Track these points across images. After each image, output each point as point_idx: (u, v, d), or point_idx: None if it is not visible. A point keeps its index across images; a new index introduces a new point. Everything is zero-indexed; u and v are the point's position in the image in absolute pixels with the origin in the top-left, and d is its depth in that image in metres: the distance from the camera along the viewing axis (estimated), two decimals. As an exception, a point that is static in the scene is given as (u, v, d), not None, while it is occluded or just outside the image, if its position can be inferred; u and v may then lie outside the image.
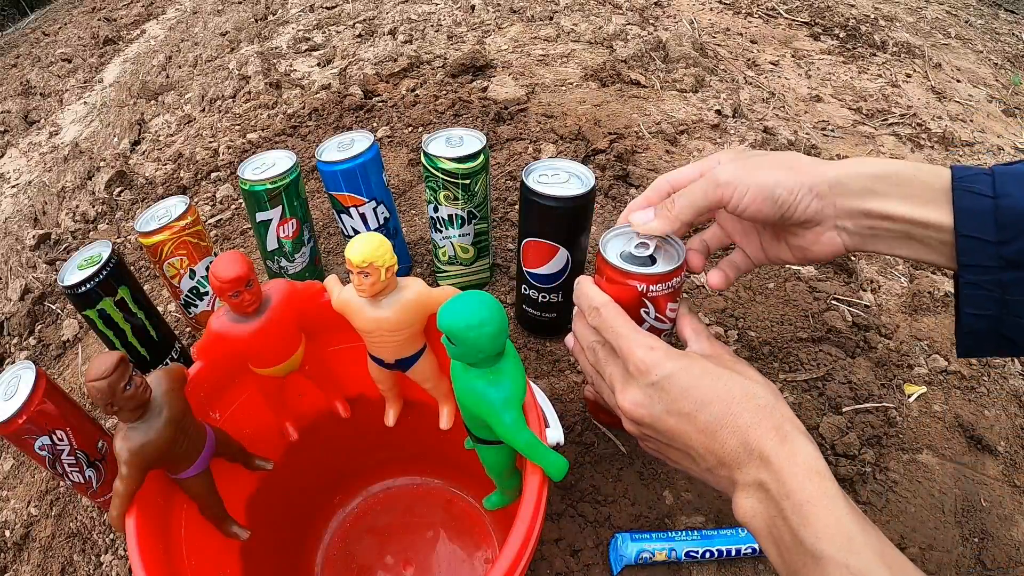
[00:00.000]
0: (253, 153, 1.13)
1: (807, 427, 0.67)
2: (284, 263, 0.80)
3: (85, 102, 1.61)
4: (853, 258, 0.87)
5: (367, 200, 0.76)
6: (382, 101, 1.23)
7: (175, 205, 0.73)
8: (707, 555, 0.60)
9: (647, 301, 0.49)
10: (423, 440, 0.67)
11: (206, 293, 0.76)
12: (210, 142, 1.19)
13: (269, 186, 0.73)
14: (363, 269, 0.49)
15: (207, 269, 0.75)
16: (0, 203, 1.21)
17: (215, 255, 0.77)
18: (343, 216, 0.78)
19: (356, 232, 0.79)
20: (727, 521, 0.64)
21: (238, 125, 1.24)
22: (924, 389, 0.73)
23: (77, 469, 0.64)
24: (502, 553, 0.41)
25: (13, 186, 1.26)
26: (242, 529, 0.57)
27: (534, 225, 0.68)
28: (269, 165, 0.75)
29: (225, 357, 0.58)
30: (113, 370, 0.44)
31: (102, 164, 1.13)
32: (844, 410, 0.70)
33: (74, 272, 0.67)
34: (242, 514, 0.60)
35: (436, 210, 0.76)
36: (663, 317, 0.51)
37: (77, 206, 1.06)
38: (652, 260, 0.51)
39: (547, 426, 0.55)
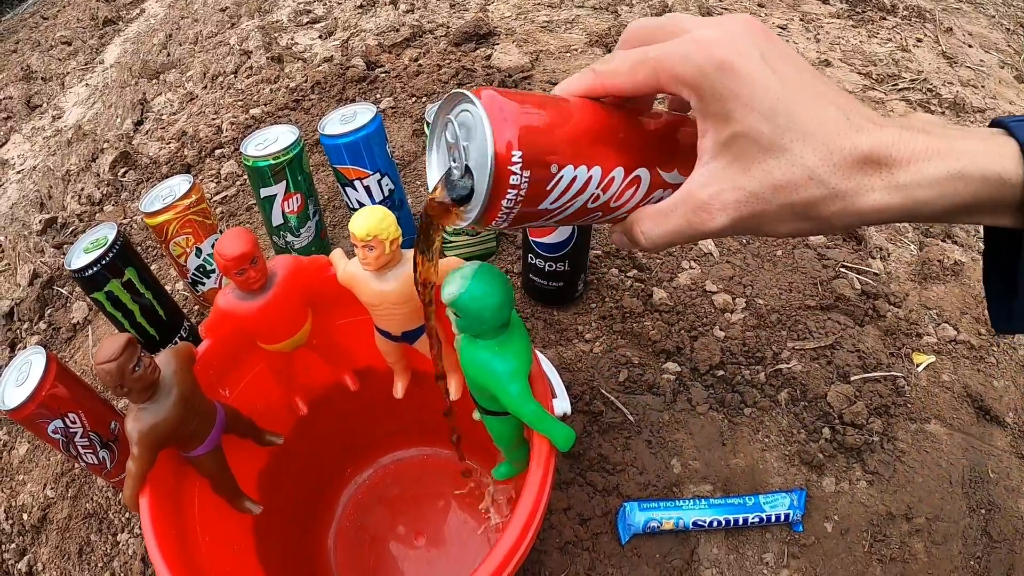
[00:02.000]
0: (257, 128, 1.11)
1: (814, 396, 0.68)
2: (290, 238, 0.78)
3: (87, 84, 1.59)
4: (866, 228, 0.83)
5: (371, 172, 0.74)
6: (385, 72, 1.20)
7: (179, 184, 0.71)
8: (714, 524, 0.60)
9: None
10: (432, 411, 0.64)
11: (213, 271, 0.75)
12: (213, 119, 1.16)
13: (272, 161, 0.70)
14: (367, 242, 0.48)
15: (213, 247, 0.73)
16: (6, 190, 1.20)
17: (221, 232, 0.75)
18: (347, 189, 0.76)
19: (361, 205, 0.77)
20: (734, 490, 0.64)
21: (241, 101, 1.22)
22: (933, 359, 0.72)
23: (91, 451, 0.63)
24: (510, 523, 0.40)
25: (18, 172, 1.25)
26: (255, 504, 0.56)
27: None
28: (272, 140, 0.72)
29: (233, 334, 0.57)
30: (121, 352, 0.43)
31: (106, 146, 1.12)
32: (852, 379, 0.69)
33: (80, 255, 0.66)
34: (254, 489, 0.60)
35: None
36: None
37: (82, 189, 1.05)
38: None
39: (554, 396, 0.54)
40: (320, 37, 1.47)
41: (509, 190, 0.31)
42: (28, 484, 0.76)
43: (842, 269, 0.79)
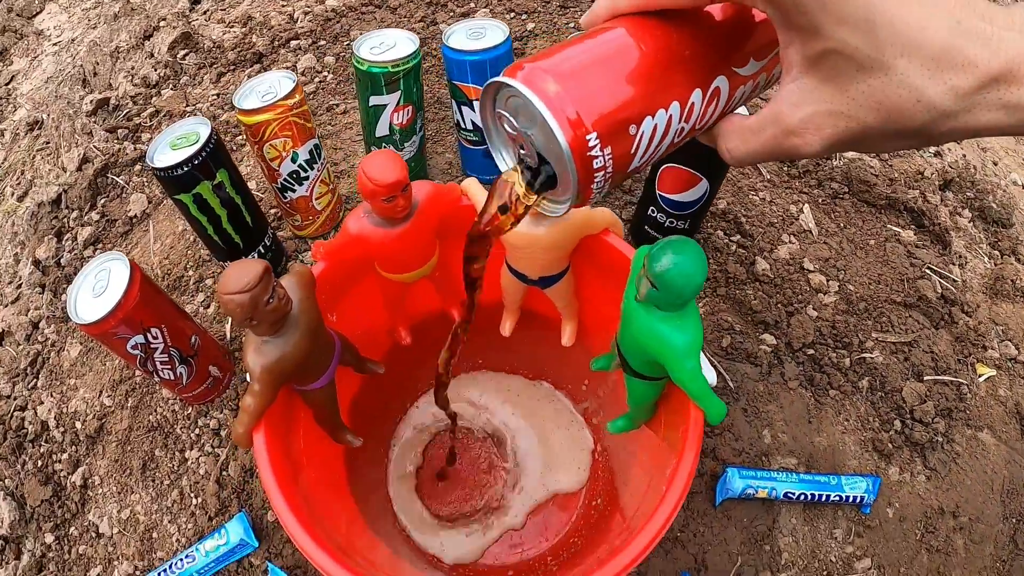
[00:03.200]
0: (337, 22, 1.02)
1: (891, 389, 0.70)
2: (392, 150, 0.73)
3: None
4: (949, 231, 0.83)
5: (494, 95, 0.69)
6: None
7: (280, 81, 0.65)
8: (801, 497, 0.63)
9: None
10: (534, 350, 0.67)
11: (306, 178, 0.69)
12: (283, 5, 1.06)
13: (391, 69, 0.64)
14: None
15: (310, 153, 0.68)
16: (41, 62, 1.09)
17: (318, 138, 0.69)
18: (463, 107, 0.71)
19: (473, 125, 0.73)
20: (815, 466, 0.66)
21: (314, -12, 1.10)
22: (994, 372, 0.74)
23: (169, 366, 0.60)
24: (661, 503, 0.42)
25: (55, 43, 1.13)
26: (355, 437, 0.55)
27: (680, 152, 0.62)
28: (390, 45, 0.66)
29: (354, 259, 0.53)
30: (257, 282, 0.38)
31: (161, 24, 1.01)
32: (925, 378, 0.71)
33: (167, 152, 0.60)
34: (346, 417, 0.58)
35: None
36: None
37: (134, 68, 0.95)
38: None
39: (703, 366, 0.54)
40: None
41: (596, 173, 0.29)
42: (81, 390, 0.72)
43: (927, 271, 0.79)
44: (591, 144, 0.28)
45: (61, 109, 0.93)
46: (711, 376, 0.57)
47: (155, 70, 0.95)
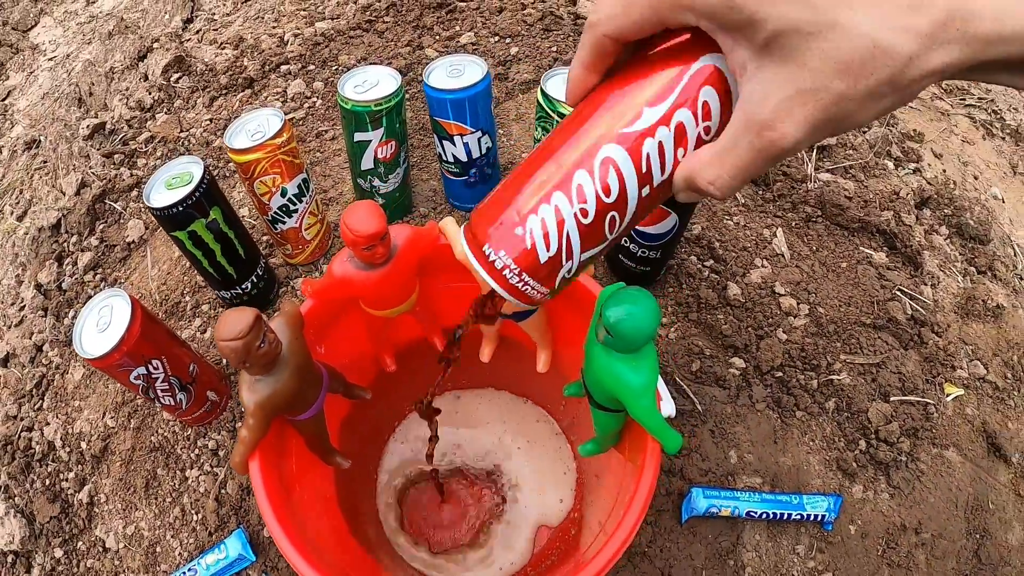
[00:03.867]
0: (325, 47, 1.04)
1: (857, 410, 0.73)
2: (377, 183, 0.76)
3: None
4: (923, 251, 0.86)
5: (473, 130, 0.72)
6: (465, 2, 1.12)
7: (269, 120, 0.68)
8: (763, 516, 0.66)
9: None
10: (511, 374, 0.70)
11: (295, 211, 0.73)
12: (273, 27, 1.08)
13: (373, 108, 0.67)
14: None
15: (299, 187, 0.71)
16: (37, 77, 1.11)
17: (306, 172, 0.72)
18: (445, 143, 0.73)
19: (455, 159, 0.76)
20: (780, 485, 0.69)
21: (304, 10, 1.13)
22: (962, 392, 0.77)
23: (169, 394, 0.64)
24: (624, 516, 0.46)
25: (50, 59, 1.15)
26: (344, 459, 0.59)
27: None
28: (372, 84, 0.68)
29: (340, 298, 0.57)
30: (250, 330, 0.42)
31: (155, 45, 1.03)
32: (891, 399, 0.74)
33: (162, 191, 0.63)
34: (335, 440, 0.62)
35: (543, 150, 0.71)
36: None
37: (128, 90, 0.98)
38: None
39: (661, 399, 0.57)
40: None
41: (503, 273, 0.34)
42: (85, 411, 0.76)
43: (897, 292, 0.81)
44: (486, 252, 0.33)
45: (58, 131, 0.96)
46: (670, 408, 0.61)
47: (149, 93, 0.98)
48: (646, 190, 0.31)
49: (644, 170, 0.30)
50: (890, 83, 0.25)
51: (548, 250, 0.32)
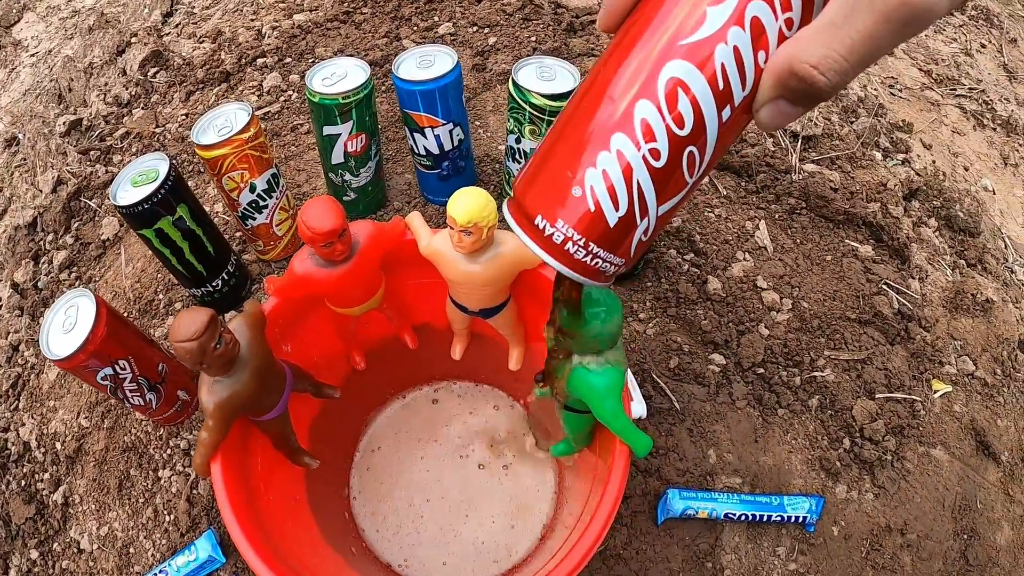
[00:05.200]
0: (303, 39, 1.02)
1: (841, 407, 0.71)
2: (348, 177, 0.75)
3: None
4: (910, 244, 0.84)
5: (444, 122, 0.70)
6: (444, -7, 1.10)
7: (236, 114, 0.67)
8: (742, 517, 0.65)
9: None
10: (485, 370, 0.70)
11: (265, 207, 0.72)
12: (252, 20, 1.07)
13: (341, 101, 0.66)
14: (466, 228, 0.47)
15: (268, 182, 0.70)
16: (19, 73, 1.11)
17: (275, 167, 0.71)
18: (416, 135, 0.72)
19: (427, 152, 0.74)
20: (760, 485, 0.68)
21: (282, 1, 1.11)
22: (950, 388, 0.75)
23: (138, 394, 0.63)
24: (594, 516, 0.45)
25: (32, 55, 1.14)
26: (312, 459, 0.58)
27: None
28: (341, 76, 0.67)
29: (304, 297, 0.56)
30: (204, 331, 0.41)
31: (134, 40, 1.02)
32: (877, 396, 0.72)
33: (128, 189, 0.62)
34: (305, 439, 0.62)
35: (518, 141, 0.70)
36: None
37: (107, 85, 0.97)
38: None
39: (631, 399, 0.56)
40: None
41: (565, 246, 0.27)
42: (60, 411, 0.75)
43: (884, 286, 0.80)
44: (540, 225, 0.27)
45: (37, 128, 0.95)
46: (640, 409, 0.60)
47: (126, 89, 0.97)
48: (727, 112, 0.24)
49: (722, 86, 0.24)
50: None
51: (617, 209, 0.26)
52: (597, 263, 0.28)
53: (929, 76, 1.23)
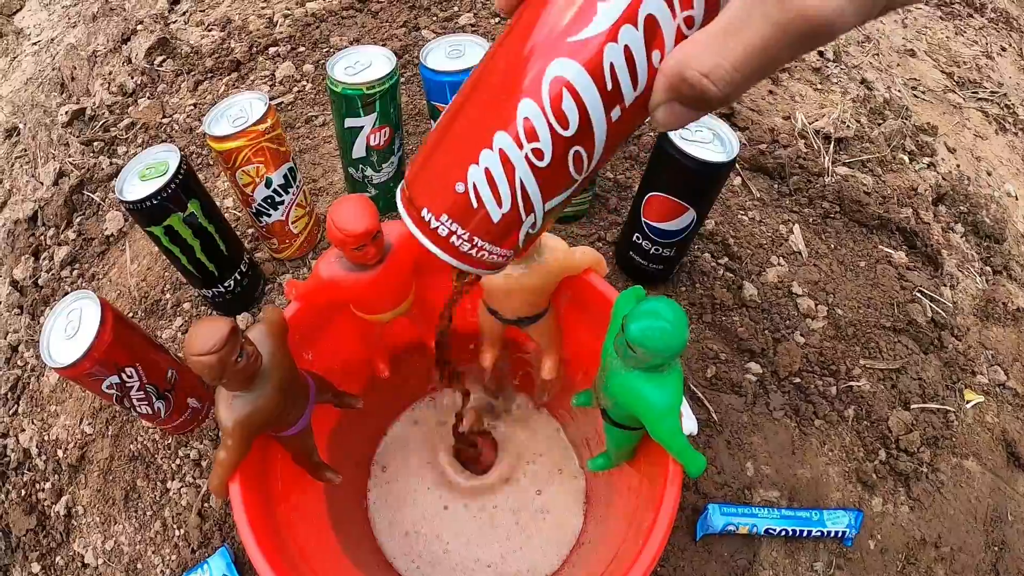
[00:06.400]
0: (316, 28, 0.99)
1: (877, 418, 0.69)
2: (369, 172, 0.72)
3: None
4: (941, 251, 0.82)
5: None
6: (464, -18, 1.06)
7: (252, 104, 0.63)
8: (782, 533, 0.63)
9: None
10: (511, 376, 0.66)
11: (281, 203, 0.68)
12: (263, 8, 1.03)
13: (365, 91, 0.62)
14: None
15: (285, 177, 0.67)
16: (20, 62, 1.06)
17: (293, 161, 0.67)
18: (441, 128, 0.69)
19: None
20: (798, 498, 0.66)
21: (295, -12, 1.07)
22: (982, 399, 0.74)
23: (146, 403, 0.60)
24: (647, 542, 0.42)
25: (34, 43, 1.10)
26: (335, 474, 0.55)
27: (667, 181, 0.63)
28: (365, 64, 0.64)
29: (329, 302, 0.53)
30: (224, 343, 0.37)
31: (139, 27, 0.98)
32: (912, 407, 0.71)
33: (135, 183, 0.58)
34: (324, 451, 0.58)
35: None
36: None
37: (111, 73, 0.92)
38: None
39: (683, 416, 0.53)
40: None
41: (450, 240, 0.27)
42: (62, 416, 0.72)
43: (918, 294, 0.78)
44: (426, 217, 0.27)
45: (38, 118, 0.91)
46: (691, 426, 0.57)
47: (132, 77, 0.92)
48: (616, 112, 0.23)
49: (610, 87, 0.22)
50: None
51: (500, 207, 0.26)
52: (483, 255, 0.28)
53: (951, 79, 1.21)
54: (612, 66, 0.22)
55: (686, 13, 0.21)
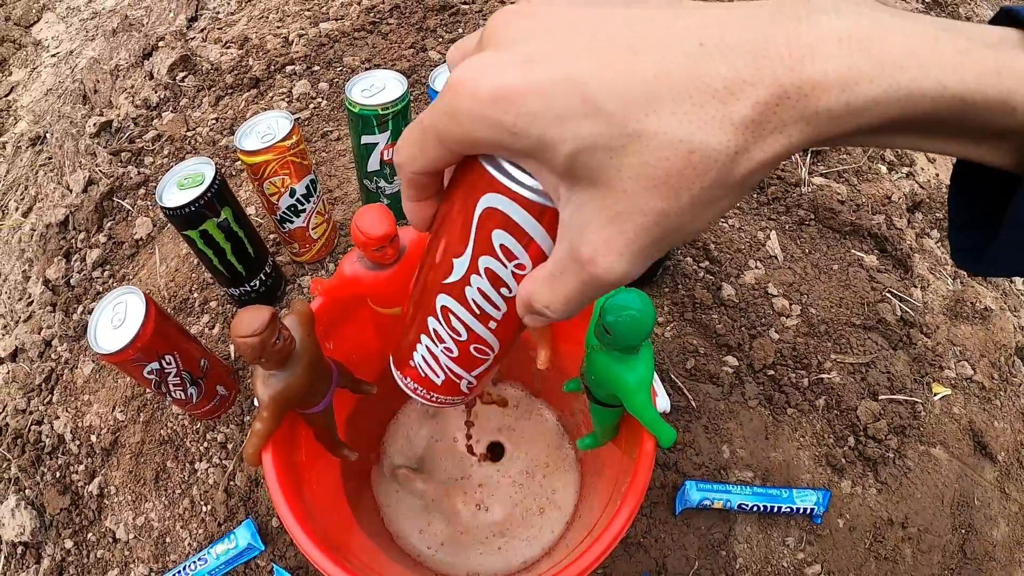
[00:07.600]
0: (330, 48, 1.05)
1: (846, 407, 0.75)
2: (382, 183, 0.78)
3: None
4: (913, 255, 0.88)
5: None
6: (467, 4, 1.13)
7: (278, 122, 0.69)
8: (754, 508, 0.68)
9: None
10: (505, 366, 0.71)
11: (303, 211, 0.75)
12: (278, 27, 1.09)
13: (380, 112, 0.69)
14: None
15: (307, 187, 0.73)
16: (40, 73, 1.12)
17: (313, 173, 0.74)
18: (449, 148, 0.75)
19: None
20: (771, 480, 0.72)
21: (308, 10, 1.14)
22: (949, 391, 0.79)
23: (181, 388, 0.66)
24: (623, 502, 0.48)
25: (53, 55, 1.16)
26: (351, 451, 0.61)
27: None
28: (379, 88, 0.70)
29: (349, 297, 0.59)
30: (265, 328, 0.44)
31: (160, 43, 1.04)
32: (880, 398, 0.76)
33: (174, 191, 0.65)
34: (342, 432, 0.64)
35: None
36: None
37: (133, 88, 0.99)
38: None
39: (656, 395, 0.59)
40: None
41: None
42: (95, 405, 0.77)
43: (887, 294, 0.83)
44: (397, 376, 0.38)
45: (64, 128, 0.97)
46: (664, 403, 0.63)
47: (155, 92, 0.99)
48: (493, 324, 0.31)
49: (479, 312, 0.30)
50: (719, 186, 0.21)
51: (437, 377, 0.36)
52: (443, 401, 0.38)
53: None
54: (475, 300, 0.30)
55: (514, 263, 0.28)
